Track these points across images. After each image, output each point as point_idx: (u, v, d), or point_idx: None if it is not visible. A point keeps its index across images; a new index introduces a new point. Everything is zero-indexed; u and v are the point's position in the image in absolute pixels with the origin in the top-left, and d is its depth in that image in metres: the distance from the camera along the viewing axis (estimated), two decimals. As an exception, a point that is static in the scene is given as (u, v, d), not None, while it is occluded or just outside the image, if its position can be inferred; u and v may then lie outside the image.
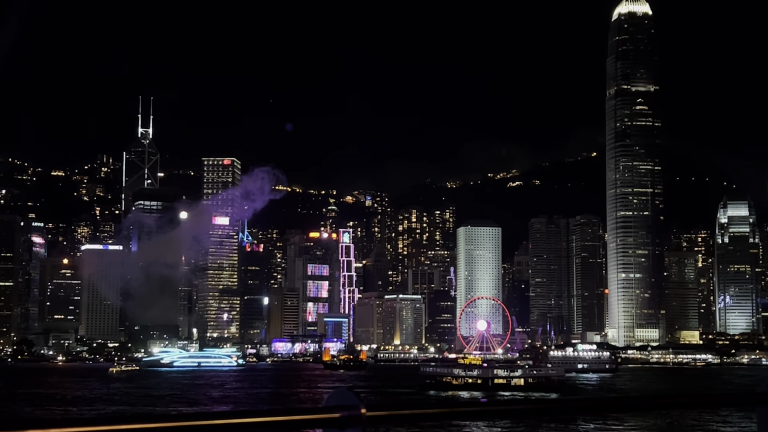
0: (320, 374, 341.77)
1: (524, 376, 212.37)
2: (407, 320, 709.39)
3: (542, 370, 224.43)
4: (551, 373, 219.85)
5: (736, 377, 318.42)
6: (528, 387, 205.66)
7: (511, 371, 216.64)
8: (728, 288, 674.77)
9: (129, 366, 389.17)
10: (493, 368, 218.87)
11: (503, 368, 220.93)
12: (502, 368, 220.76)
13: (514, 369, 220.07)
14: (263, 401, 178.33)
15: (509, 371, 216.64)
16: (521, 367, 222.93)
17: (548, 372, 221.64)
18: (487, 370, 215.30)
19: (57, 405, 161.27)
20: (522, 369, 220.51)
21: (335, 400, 6.64)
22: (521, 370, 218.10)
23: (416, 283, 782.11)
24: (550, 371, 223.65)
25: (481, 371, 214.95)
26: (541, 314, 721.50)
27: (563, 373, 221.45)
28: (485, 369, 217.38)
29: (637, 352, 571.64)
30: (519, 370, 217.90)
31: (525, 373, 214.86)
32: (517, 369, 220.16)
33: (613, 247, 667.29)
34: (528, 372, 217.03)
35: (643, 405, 8.62)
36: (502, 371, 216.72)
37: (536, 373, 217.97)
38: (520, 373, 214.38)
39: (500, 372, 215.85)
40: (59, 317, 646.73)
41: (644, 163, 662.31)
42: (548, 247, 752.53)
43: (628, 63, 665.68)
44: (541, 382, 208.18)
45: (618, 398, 17.77)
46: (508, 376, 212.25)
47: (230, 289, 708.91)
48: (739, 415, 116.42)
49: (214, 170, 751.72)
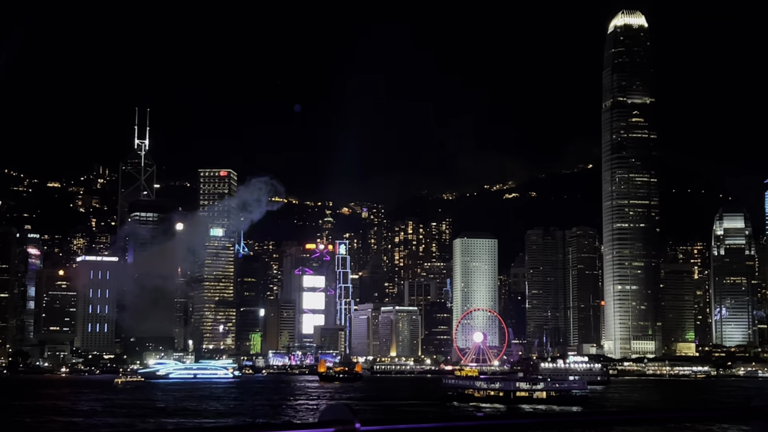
0: (315, 386, 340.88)
1: (546, 389, 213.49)
2: (403, 332, 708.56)
3: (564, 384, 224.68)
4: (574, 386, 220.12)
5: (734, 389, 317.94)
6: (550, 400, 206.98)
7: (533, 384, 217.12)
8: (724, 300, 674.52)
9: (134, 377, 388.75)
10: (515, 381, 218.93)
11: (525, 381, 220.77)
12: (524, 381, 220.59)
13: (536, 382, 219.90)
14: (258, 414, 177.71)
15: (531, 384, 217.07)
16: (544, 380, 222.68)
17: (571, 385, 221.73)
18: (509, 383, 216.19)
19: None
20: (544, 382, 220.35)
21: (330, 414, 6.59)
22: (543, 383, 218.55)
23: (412, 295, 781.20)
24: (572, 384, 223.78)
25: (503, 384, 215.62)
26: (537, 326, 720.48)
27: (586, 387, 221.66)
28: (507, 382, 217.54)
29: (633, 364, 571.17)
30: (541, 383, 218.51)
31: (547, 386, 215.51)
32: (540, 382, 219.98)
33: (610, 259, 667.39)
34: (550, 385, 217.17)
35: (634, 419, 8.52)
36: (524, 384, 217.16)
37: (558, 386, 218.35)
38: (542, 386, 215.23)
39: (522, 385, 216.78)
40: (55, 329, 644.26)
41: (640, 175, 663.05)
42: (545, 259, 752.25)
43: (624, 75, 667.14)
44: (563, 395, 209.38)
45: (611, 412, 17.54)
46: (530, 389, 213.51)
47: (226, 301, 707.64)
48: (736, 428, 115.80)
49: (210, 181, 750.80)
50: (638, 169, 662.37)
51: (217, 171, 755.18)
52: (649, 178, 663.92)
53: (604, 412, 14.75)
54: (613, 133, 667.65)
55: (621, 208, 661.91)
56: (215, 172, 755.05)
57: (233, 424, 6.54)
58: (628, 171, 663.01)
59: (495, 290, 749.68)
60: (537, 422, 7.62)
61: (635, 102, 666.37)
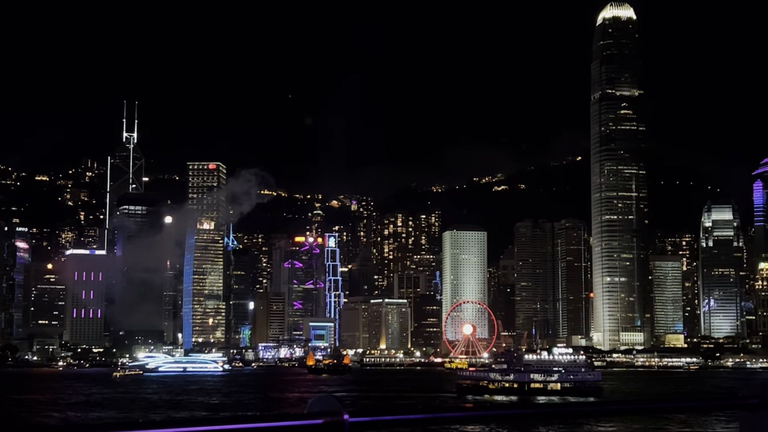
0: (304, 379, 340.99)
1: (561, 380, 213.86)
2: (393, 324, 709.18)
3: (579, 375, 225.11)
4: (588, 378, 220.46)
5: (724, 381, 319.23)
6: (564, 391, 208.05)
7: (547, 376, 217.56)
8: (713, 292, 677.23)
9: (132, 371, 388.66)
10: (529, 372, 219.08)
11: (540, 372, 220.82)
12: (539, 373, 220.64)
13: (550, 373, 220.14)
14: (247, 407, 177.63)
15: (546, 375, 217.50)
16: (558, 372, 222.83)
17: (585, 377, 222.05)
18: (524, 375, 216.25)
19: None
20: (558, 373, 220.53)
21: (318, 406, 6.60)
22: (557, 375, 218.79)
23: (402, 288, 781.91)
24: (587, 376, 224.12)
25: (517, 375, 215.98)
26: (526, 318, 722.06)
27: (600, 377, 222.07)
28: (522, 373, 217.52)
29: (622, 355, 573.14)
30: (555, 375, 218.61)
31: (561, 378, 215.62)
32: (554, 373, 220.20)
33: (598, 251, 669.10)
34: (564, 377, 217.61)
35: (623, 410, 8.70)
36: (538, 375, 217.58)
37: (573, 377, 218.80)
38: (556, 378, 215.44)
39: (537, 376, 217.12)
40: (43, 322, 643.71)
41: (629, 167, 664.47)
42: (534, 251, 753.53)
43: (612, 67, 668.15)
44: (578, 386, 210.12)
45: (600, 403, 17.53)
46: (544, 380, 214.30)
47: (215, 294, 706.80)
48: (725, 417, 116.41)
49: (199, 174, 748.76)
50: (627, 162, 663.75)
51: (206, 164, 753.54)
52: (638, 170, 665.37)
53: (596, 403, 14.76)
54: (602, 125, 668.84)
55: (610, 200, 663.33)
56: (204, 165, 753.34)
57: (222, 417, 6.56)
58: (617, 163, 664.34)
59: (484, 282, 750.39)
60: (522, 413, 7.65)
61: (624, 94, 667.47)
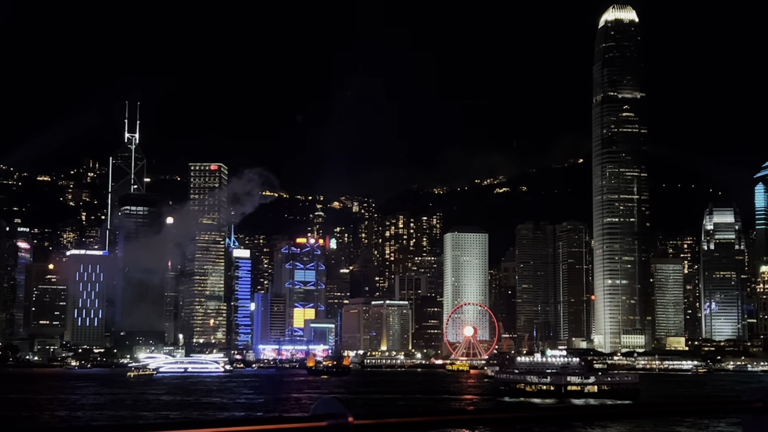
0: (304, 380, 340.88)
1: (597, 383, 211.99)
2: (394, 326, 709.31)
3: (616, 377, 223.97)
4: (626, 380, 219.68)
5: (727, 383, 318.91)
6: (601, 394, 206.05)
7: (584, 378, 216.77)
8: (714, 294, 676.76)
9: (145, 371, 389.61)
10: (566, 375, 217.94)
11: (577, 375, 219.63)
12: (576, 375, 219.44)
13: (587, 376, 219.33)
14: (250, 408, 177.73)
15: (583, 378, 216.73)
16: (595, 374, 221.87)
17: (623, 379, 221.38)
18: (560, 377, 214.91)
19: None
20: (596, 376, 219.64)
21: (322, 408, 6.58)
22: (594, 377, 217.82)
23: (403, 289, 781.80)
24: (625, 378, 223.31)
25: (554, 378, 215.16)
26: (527, 320, 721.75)
27: (637, 380, 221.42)
28: (558, 376, 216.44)
29: (623, 358, 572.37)
30: (592, 377, 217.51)
31: (598, 380, 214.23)
32: (591, 376, 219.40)
33: (600, 254, 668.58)
34: (601, 379, 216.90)
35: (627, 413, 8.72)
36: (575, 378, 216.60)
37: (610, 380, 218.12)
38: (593, 380, 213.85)
39: (573, 379, 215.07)
40: (44, 323, 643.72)
41: (630, 170, 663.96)
42: (535, 254, 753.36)
43: (614, 70, 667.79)
44: (615, 388, 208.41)
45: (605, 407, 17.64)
46: (581, 383, 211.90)
47: (216, 295, 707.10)
48: (727, 421, 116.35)
49: (200, 175, 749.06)
50: (628, 164, 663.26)
51: (208, 165, 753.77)
52: (639, 172, 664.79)
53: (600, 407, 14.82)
54: (604, 127, 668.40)
55: (611, 203, 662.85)
56: (206, 166, 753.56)
57: (225, 419, 6.54)
58: (618, 165, 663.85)
59: (485, 284, 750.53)
60: (528, 416, 7.63)
61: (625, 97, 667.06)
